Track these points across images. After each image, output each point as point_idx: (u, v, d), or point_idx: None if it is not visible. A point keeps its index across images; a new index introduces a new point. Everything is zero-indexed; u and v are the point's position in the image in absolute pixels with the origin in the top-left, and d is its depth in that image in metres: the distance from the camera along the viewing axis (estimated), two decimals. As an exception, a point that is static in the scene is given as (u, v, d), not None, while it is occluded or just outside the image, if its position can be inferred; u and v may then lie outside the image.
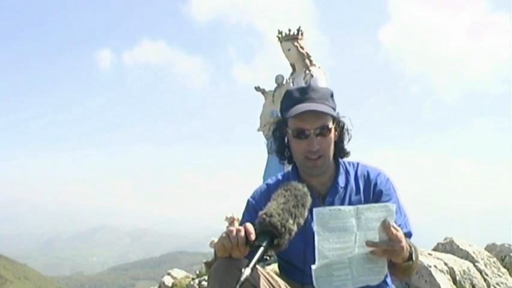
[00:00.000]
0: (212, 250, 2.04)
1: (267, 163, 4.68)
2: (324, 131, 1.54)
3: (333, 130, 1.58)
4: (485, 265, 3.27)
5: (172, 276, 5.18)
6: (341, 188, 1.60)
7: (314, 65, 4.58)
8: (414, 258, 1.42)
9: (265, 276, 1.41)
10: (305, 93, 1.56)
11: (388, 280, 1.59)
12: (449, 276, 2.98)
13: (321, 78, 4.48)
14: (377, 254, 1.33)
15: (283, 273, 1.64)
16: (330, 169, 1.62)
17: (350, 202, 1.58)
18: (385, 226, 1.30)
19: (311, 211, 1.32)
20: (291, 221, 1.23)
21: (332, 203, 1.57)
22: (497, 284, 3.12)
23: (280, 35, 4.64)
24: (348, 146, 1.66)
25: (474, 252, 3.37)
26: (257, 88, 5.19)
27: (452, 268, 3.05)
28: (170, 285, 4.93)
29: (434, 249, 3.56)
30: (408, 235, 1.53)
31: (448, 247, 3.50)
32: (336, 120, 1.60)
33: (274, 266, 3.02)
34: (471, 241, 3.58)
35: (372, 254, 1.33)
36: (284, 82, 4.93)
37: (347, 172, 1.64)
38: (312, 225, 1.30)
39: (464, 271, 3.07)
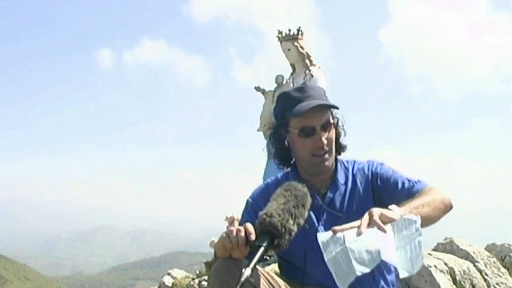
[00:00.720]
0: (212, 250, 2.05)
1: (267, 164, 4.67)
2: (329, 126, 1.57)
3: (333, 126, 1.60)
4: (485, 265, 3.27)
5: (172, 276, 5.18)
6: (341, 185, 1.61)
7: (314, 65, 4.57)
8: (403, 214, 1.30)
9: (265, 276, 1.41)
10: (304, 91, 1.57)
11: (393, 280, 1.60)
12: (449, 276, 2.98)
13: (321, 78, 4.48)
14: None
15: (283, 273, 1.64)
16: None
17: (350, 199, 1.59)
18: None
19: (311, 211, 1.31)
20: (291, 221, 1.23)
21: (332, 200, 1.58)
22: (497, 284, 3.12)
23: (280, 35, 4.63)
24: (344, 141, 1.67)
25: (474, 252, 3.37)
26: (257, 88, 5.18)
27: (452, 268, 3.04)
28: (170, 285, 4.93)
29: (434, 249, 3.56)
30: (414, 185, 1.53)
31: (448, 247, 3.49)
32: (333, 116, 1.61)
33: (274, 266, 3.02)
34: (471, 241, 3.58)
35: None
36: (284, 82, 4.92)
37: (346, 169, 1.65)
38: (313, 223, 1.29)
39: (464, 271, 3.07)
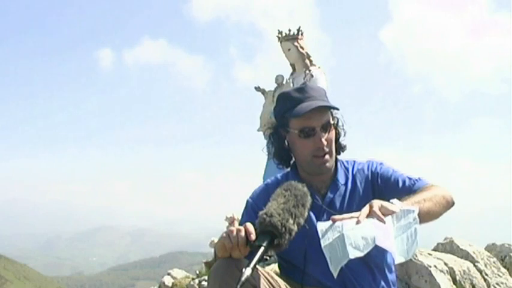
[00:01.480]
0: (212, 250, 2.05)
1: (267, 164, 4.67)
2: (329, 127, 1.56)
3: (333, 126, 1.60)
4: (485, 265, 3.27)
5: (172, 276, 5.17)
6: (341, 185, 1.60)
7: (314, 65, 4.56)
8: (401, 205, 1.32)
9: (265, 276, 1.41)
10: (305, 92, 1.57)
11: (393, 279, 1.60)
12: (449, 276, 2.98)
13: (321, 78, 4.47)
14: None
15: (283, 273, 1.64)
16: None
17: (350, 199, 1.59)
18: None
19: (311, 211, 1.31)
20: (291, 221, 1.23)
21: (332, 200, 1.58)
22: (497, 284, 3.12)
23: (280, 35, 4.62)
24: (344, 141, 1.67)
25: (474, 252, 3.37)
26: (257, 88, 5.17)
27: (452, 268, 3.05)
28: (170, 285, 4.92)
29: (434, 249, 3.56)
30: (415, 183, 1.53)
31: (448, 247, 3.49)
32: (333, 116, 1.61)
33: (274, 266, 3.02)
34: (471, 241, 3.58)
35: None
36: (284, 82, 4.92)
37: (346, 169, 1.65)
38: (313, 223, 1.29)
39: (464, 271, 3.07)
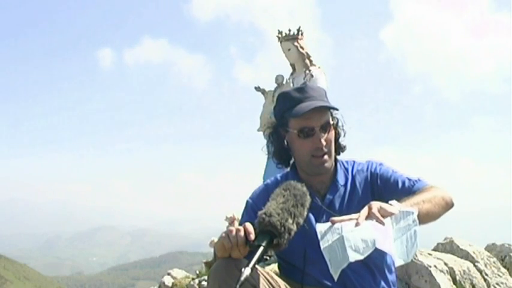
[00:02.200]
0: (212, 250, 2.04)
1: (267, 164, 4.67)
2: (328, 127, 1.56)
3: (332, 127, 1.59)
4: (485, 265, 3.27)
5: (172, 276, 5.17)
6: (341, 186, 1.60)
7: (314, 65, 4.56)
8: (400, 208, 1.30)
9: (265, 276, 1.40)
10: (305, 92, 1.57)
11: (393, 280, 1.59)
12: (449, 276, 2.98)
13: (321, 78, 4.47)
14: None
15: (283, 273, 1.64)
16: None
17: (349, 200, 1.58)
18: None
19: (310, 212, 1.30)
20: (291, 221, 1.22)
21: (332, 201, 1.57)
22: (497, 284, 3.12)
23: (280, 35, 4.62)
24: (344, 142, 1.66)
25: (474, 252, 3.37)
26: (257, 88, 5.17)
27: (452, 268, 3.05)
28: (170, 285, 4.92)
29: (434, 249, 3.56)
30: (414, 184, 1.53)
31: (448, 247, 3.49)
32: (333, 117, 1.61)
33: (274, 266, 3.02)
34: (471, 241, 3.58)
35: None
36: (284, 82, 4.91)
37: (345, 170, 1.65)
38: (313, 224, 1.29)
39: (464, 271, 3.07)
